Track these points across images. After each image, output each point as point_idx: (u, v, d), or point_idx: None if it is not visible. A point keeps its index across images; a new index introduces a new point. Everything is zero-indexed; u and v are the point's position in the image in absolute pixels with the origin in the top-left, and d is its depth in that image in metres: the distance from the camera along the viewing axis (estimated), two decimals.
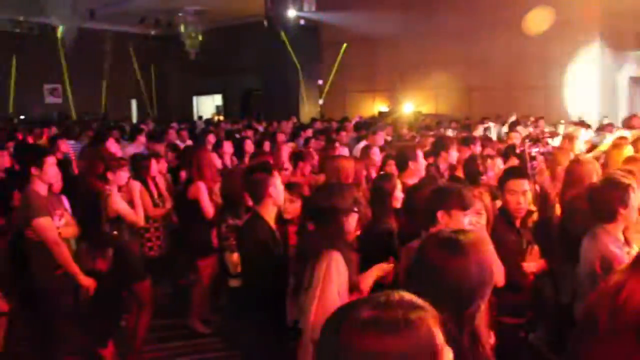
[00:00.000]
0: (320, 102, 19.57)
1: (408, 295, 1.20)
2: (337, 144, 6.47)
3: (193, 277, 5.49)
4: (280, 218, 3.71)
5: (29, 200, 3.99)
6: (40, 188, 4.04)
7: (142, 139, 8.17)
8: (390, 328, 1.12)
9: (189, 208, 5.19)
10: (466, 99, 16.92)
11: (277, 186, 3.34)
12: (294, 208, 4.16)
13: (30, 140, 10.00)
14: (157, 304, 5.14)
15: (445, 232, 1.88)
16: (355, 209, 2.88)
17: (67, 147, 7.41)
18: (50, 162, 4.05)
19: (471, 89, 16.85)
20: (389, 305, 1.16)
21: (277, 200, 3.36)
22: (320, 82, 19.42)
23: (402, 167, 4.93)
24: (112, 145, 5.90)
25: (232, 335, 4.76)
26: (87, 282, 4.14)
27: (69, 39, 19.33)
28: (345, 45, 18.69)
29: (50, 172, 4.04)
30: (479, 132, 10.15)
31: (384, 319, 1.13)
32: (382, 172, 5.12)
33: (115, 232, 4.53)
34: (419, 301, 1.20)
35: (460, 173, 5.29)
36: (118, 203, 4.52)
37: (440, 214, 2.86)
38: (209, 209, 5.08)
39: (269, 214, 3.33)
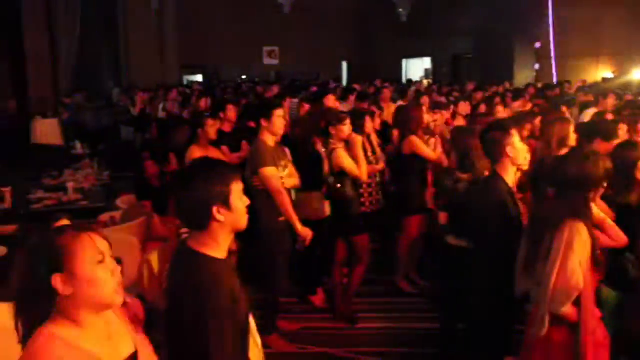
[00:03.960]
0: (537, 66, 18.31)
1: None
2: (563, 108, 5.98)
3: (401, 235, 5.51)
4: None
5: (257, 150, 4.28)
6: (268, 139, 4.31)
7: (352, 98, 8.34)
8: None
9: (403, 163, 5.27)
10: None
11: (515, 145, 3.18)
12: None
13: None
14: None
15: None
16: (605, 183, 2.64)
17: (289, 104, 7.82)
18: (278, 114, 4.29)
19: None
20: None
21: (516, 160, 3.20)
22: (537, 45, 18.13)
23: None
24: (332, 101, 6.08)
25: (441, 298, 4.73)
26: (305, 232, 4.34)
27: (286, 2, 20.32)
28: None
29: (278, 124, 4.29)
30: None
31: None
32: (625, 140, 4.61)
33: (339, 185, 4.67)
34: None
35: None
36: (343, 158, 4.62)
37: None
38: (430, 154, 5.17)
39: (508, 175, 3.21)
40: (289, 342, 4.56)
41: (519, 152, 3.20)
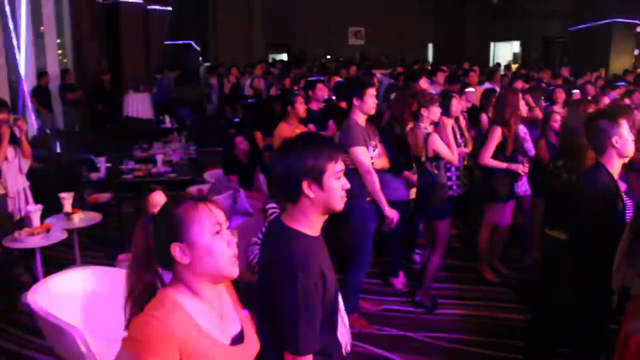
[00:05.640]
0: (636, 52, 17.26)
1: None
2: None
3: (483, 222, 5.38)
4: None
5: (349, 128, 4.26)
6: (360, 118, 4.28)
7: (440, 79, 8.17)
8: None
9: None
10: None
11: (623, 135, 3.00)
12: None
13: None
14: (451, 244, 5.18)
15: None
16: None
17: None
18: (371, 93, 4.25)
19: None
20: None
21: (624, 151, 3.03)
22: (638, 29, 17.06)
23: None
24: (424, 83, 5.97)
25: (527, 289, 4.59)
26: (391, 213, 4.30)
27: None
28: None
29: (370, 103, 4.25)
30: None
31: None
32: None
33: (435, 171, 4.61)
34: None
35: None
36: (438, 143, 4.58)
37: None
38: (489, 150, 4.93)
39: (613, 166, 3.05)
40: (369, 322, 4.56)
41: (626, 142, 3.02)
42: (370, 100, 4.24)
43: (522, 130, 5.23)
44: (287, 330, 1.90)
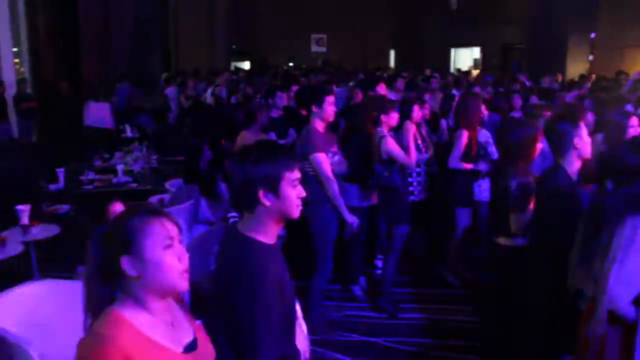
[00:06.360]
0: (590, 58, 17.71)
1: None
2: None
3: (448, 226, 5.45)
4: None
5: (308, 135, 4.28)
6: (319, 125, 4.31)
7: (400, 86, 8.24)
8: None
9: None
10: None
11: (583, 137, 3.09)
12: None
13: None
14: (411, 249, 5.22)
15: None
16: None
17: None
18: (329, 101, 4.28)
19: None
20: None
21: (583, 153, 3.11)
22: (593, 35, 17.52)
23: None
24: (383, 89, 6.03)
25: (486, 293, 4.66)
26: (352, 219, 4.33)
27: None
28: None
29: (329, 110, 4.28)
30: None
31: None
32: None
33: (386, 174, 4.63)
34: None
35: None
36: (391, 145, 4.58)
37: None
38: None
39: (573, 168, 3.13)
40: (331, 329, 4.57)
41: (586, 144, 3.11)
42: (329, 107, 4.27)
43: (485, 134, 5.33)
44: (244, 339, 1.90)
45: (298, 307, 2.21)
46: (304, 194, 2.05)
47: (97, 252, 1.63)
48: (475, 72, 17.90)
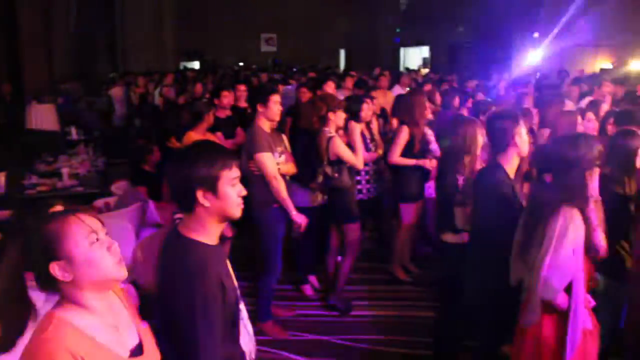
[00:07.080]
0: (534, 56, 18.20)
1: None
2: (565, 100, 5.92)
3: (396, 223, 5.50)
4: None
5: (253, 135, 4.25)
6: (264, 125, 4.28)
7: (349, 84, 8.28)
8: None
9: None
10: None
11: (522, 135, 3.15)
12: None
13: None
14: (363, 246, 5.25)
15: None
16: (598, 163, 2.59)
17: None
18: (274, 100, 4.26)
19: None
20: None
21: (522, 150, 3.17)
22: (536, 34, 18.02)
23: None
24: (331, 88, 6.04)
25: (436, 288, 4.73)
26: (299, 218, 4.33)
27: None
28: None
29: (274, 109, 4.25)
30: None
31: None
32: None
33: (336, 175, 4.62)
34: None
35: None
36: (340, 146, 4.56)
37: None
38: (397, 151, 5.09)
39: (511, 165, 3.18)
40: (283, 329, 4.55)
41: (524, 142, 3.18)
42: (275, 106, 4.24)
43: (427, 132, 5.39)
44: (187, 341, 1.88)
45: (243, 308, 2.19)
46: (244, 192, 2.03)
47: (25, 264, 1.58)
48: (424, 71, 18.13)
